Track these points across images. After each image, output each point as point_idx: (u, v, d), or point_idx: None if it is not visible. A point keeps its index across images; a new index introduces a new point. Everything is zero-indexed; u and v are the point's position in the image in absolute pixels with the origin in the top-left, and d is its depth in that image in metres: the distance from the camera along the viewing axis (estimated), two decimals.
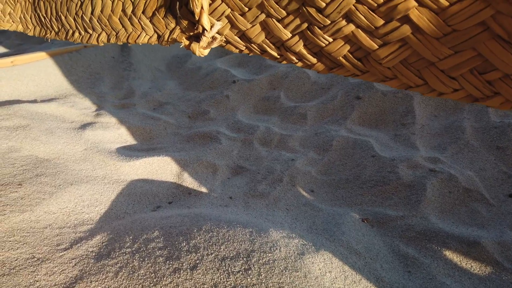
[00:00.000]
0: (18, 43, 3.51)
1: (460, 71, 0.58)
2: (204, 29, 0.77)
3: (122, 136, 1.78)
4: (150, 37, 0.89)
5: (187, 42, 0.82)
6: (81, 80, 2.45)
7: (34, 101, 1.99)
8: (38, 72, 2.35)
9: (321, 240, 1.05)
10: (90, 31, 1.02)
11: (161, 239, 0.98)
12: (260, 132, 1.80)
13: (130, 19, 0.90)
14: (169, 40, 0.85)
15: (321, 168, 1.53)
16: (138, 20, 0.88)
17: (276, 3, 0.72)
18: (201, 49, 0.81)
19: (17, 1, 1.29)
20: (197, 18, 0.77)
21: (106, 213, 1.17)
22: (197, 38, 0.82)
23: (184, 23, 0.81)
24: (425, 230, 1.11)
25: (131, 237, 1.00)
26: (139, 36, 0.91)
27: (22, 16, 1.31)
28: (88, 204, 1.18)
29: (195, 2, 0.74)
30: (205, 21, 0.76)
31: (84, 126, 1.76)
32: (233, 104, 2.17)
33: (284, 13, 0.72)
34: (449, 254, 1.04)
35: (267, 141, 1.75)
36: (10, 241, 0.92)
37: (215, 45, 0.81)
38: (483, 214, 1.19)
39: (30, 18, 1.27)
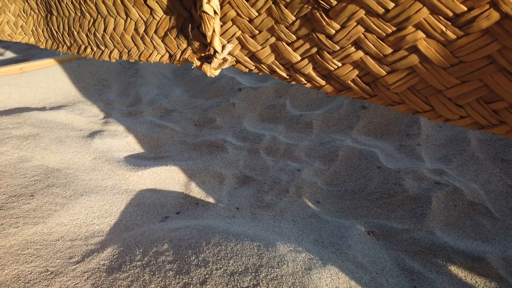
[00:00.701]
0: (26, 48, 3.55)
1: (466, 100, 0.59)
2: (215, 51, 0.79)
3: (130, 144, 1.81)
4: (162, 56, 0.91)
5: (198, 63, 0.84)
6: (89, 86, 2.48)
7: (43, 109, 2.02)
8: (47, 78, 2.38)
9: (327, 254, 1.06)
10: (103, 48, 1.04)
11: (171, 252, 1.00)
12: (266, 141, 1.82)
13: (142, 38, 0.92)
14: (181, 59, 0.87)
15: (327, 179, 1.54)
16: (150, 39, 0.90)
17: (286, 28, 0.74)
18: (212, 70, 0.82)
19: (29, 15, 1.32)
20: (208, 40, 0.79)
21: (116, 224, 1.19)
22: (208, 59, 0.84)
23: (196, 44, 0.83)
24: (431, 245, 1.12)
25: (141, 250, 1.02)
26: (151, 54, 0.93)
27: (34, 29, 1.33)
28: (98, 215, 1.20)
29: (207, 26, 0.76)
30: (217, 43, 0.78)
31: (92, 135, 1.79)
32: (239, 112, 2.19)
33: (294, 37, 0.74)
34: (454, 269, 1.05)
35: (273, 150, 1.77)
36: (24, 254, 0.95)
37: (226, 66, 0.83)
38: (487, 228, 1.20)
39: (42, 32, 1.29)
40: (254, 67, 0.86)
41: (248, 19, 0.78)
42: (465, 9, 0.51)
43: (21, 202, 1.14)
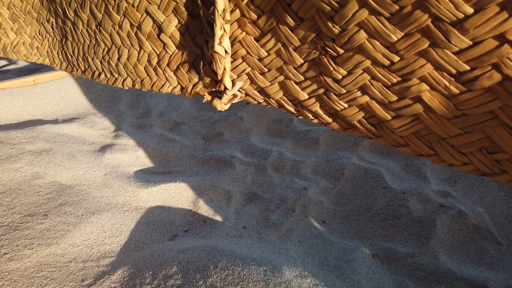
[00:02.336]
0: None
1: (469, 149, 0.61)
2: (225, 88, 0.82)
3: (139, 159, 1.84)
4: (174, 87, 0.94)
5: (209, 97, 0.87)
6: (99, 98, 2.53)
7: (56, 121, 2.07)
8: (59, 90, 2.43)
9: (332, 279, 1.08)
10: (116, 75, 1.08)
11: (179, 275, 1.02)
12: (273, 158, 1.84)
13: (155, 69, 0.95)
14: (192, 93, 0.90)
15: (332, 198, 1.56)
16: (163, 72, 0.93)
17: (295, 69, 0.76)
18: (222, 105, 0.85)
19: (45, 37, 1.36)
20: (219, 78, 0.81)
21: (126, 244, 1.22)
22: (218, 93, 0.86)
23: (207, 80, 0.86)
24: (435, 271, 1.14)
25: (150, 273, 1.05)
26: (163, 85, 0.96)
27: (49, 50, 1.37)
28: (109, 235, 1.23)
29: (218, 65, 0.79)
30: (227, 81, 0.81)
31: (103, 149, 1.83)
32: (247, 126, 2.21)
33: (302, 78, 0.76)
34: None
35: (280, 166, 1.80)
36: (38, 277, 0.98)
37: (235, 101, 0.86)
38: (491, 253, 1.21)
39: (57, 54, 1.33)
40: (262, 100, 0.89)
41: (257, 58, 0.80)
42: (468, 68, 0.53)
43: (35, 222, 1.17)
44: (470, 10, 0.47)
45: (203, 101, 0.89)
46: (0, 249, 1.03)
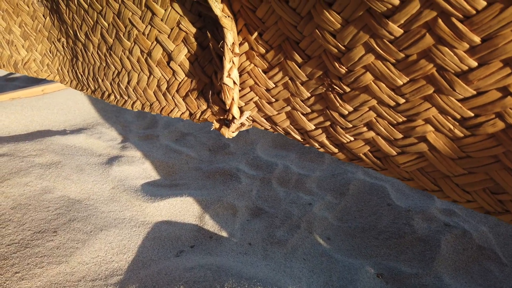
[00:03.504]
0: None
1: (473, 188, 0.62)
2: (234, 117, 0.83)
3: (146, 171, 1.87)
4: (183, 113, 0.96)
5: (217, 125, 0.89)
6: (107, 108, 2.56)
7: (64, 132, 2.10)
8: (67, 100, 2.46)
9: None
10: (126, 98, 1.10)
11: None
12: (279, 171, 1.86)
13: (164, 95, 0.97)
14: (201, 119, 0.92)
15: (337, 214, 1.57)
16: (172, 97, 0.95)
17: (302, 101, 0.78)
18: (230, 133, 0.87)
19: (55, 55, 1.38)
20: (227, 107, 0.83)
21: (133, 261, 1.24)
22: (226, 121, 0.88)
23: (215, 108, 0.87)
24: None
25: None
26: (172, 110, 0.98)
27: (59, 68, 1.40)
28: (117, 252, 1.25)
29: (226, 95, 0.81)
30: (235, 111, 0.83)
31: (111, 161, 1.85)
32: (252, 137, 2.23)
33: (308, 110, 0.77)
34: None
35: (285, 180, 1.81)
36: None
37: (243, 129, 0.88)
38: (495, 274, 1.22)
39: (68, 72, 1.36)
40: (270, 127, 0.90)
41: (265, 88, 0.82)
42: (472, 115, 0.54)
43: (45, 239, 1.20)
44: (474, 63, 0.48)
45: (211, 129, 0.91)
46: (12, 268, 1.05)
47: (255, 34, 0.75)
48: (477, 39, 0.45)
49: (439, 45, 0.49)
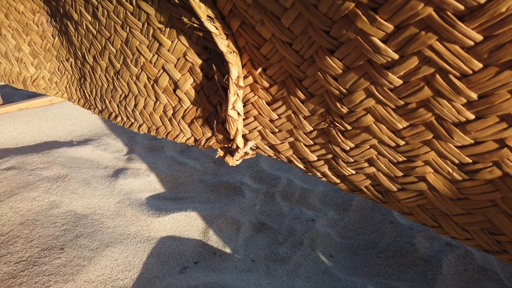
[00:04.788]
0: None
1: (471, 228, 0.63)
2: (238, 147, 0.85)
3: (151, 183, 1.89)
4: (188, 138, 0.98)
5: (222, 153, 0.90)
6: None
7: (71, 143, 2.13)
8: (74, 110, 2.50)
9: None
10: (132, 120, 1.12)
11: None
12: (282, 185, 1.87)
13: (170, 120, 0.99)
14: (205, 146, 0.94)
15: (340, 230, 1.58)
16: (178, 123, 0.97)
17: (304, 134, 0.79)
18: (234, 161, 0.89)
19: (63, 74, 1.41)
20: (231, 137, 0.85)
21: (138, 278, 1.26)
22: (231, 149, 0.90)
23: (220, 136, 0.89)
24: None
25: None
26: (177, 135, 1.00)
27: (67, 86, 1.43)
28: (122, 269, 1.28)
29: (231, 126, 0.82)
30: (239, 141, 0.84)
31: (117, 173, 1.88)
32: None
33: (311, 142, 0.79)
34: None
35: (289, 195, 1.82)
36: None
37: (248, 157, 0.89)
38: None
39: (75, 91, 1.38)
40: (273, 154, 0.92)
41: (269, 119, 0.83)
42: (470, 161, 0.55)
43: (52, 257, 1.22)
44: (471, 116, 0.50)
45: (216, 156, 0.93)
46: (20, 287, 1.08)
47: (259, 69, 0.77)
48: (474, 95, 0.47)
49: (437, 97, 0.51)
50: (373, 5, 0.46)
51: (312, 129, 0.75)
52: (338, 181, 0.80)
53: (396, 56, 0.49)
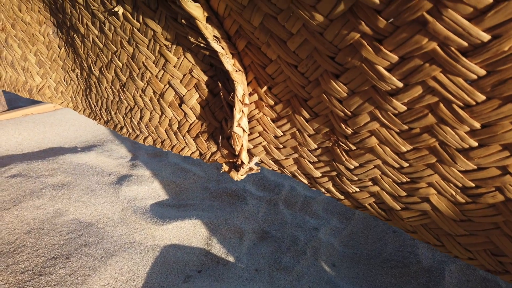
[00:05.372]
0: None
1: (474, 248, 0.64)
2: (243, 162, 0.86)
3: (155, 190, 1.90)
4: (193, 152, 0.99)
5: (227, 168, 0.91)
6: None
7: (75, 150, 2.14)
8: (78, 116, 2.51)
9: None
10: (138, 132, 1.13)
11: None
12: (285, 192, 1.88)
13: (175, 133, 1.00)
14: (210, 160, 0.95)
15: (343, 239, 1.59)
16: (183, 137, 0.98)
17: (309, 151, 0.80)
18: (239, 176, 0.90)
19: (69, 84, 1.42)
20: (237, 153, 0.86)
21: None
22: (235, 165, 0.91)
23: (225, 151, 0.90)
24: None
25: None
26: (183, 149, 1.01)
27: (73, 96, 1.44)
28: (127, 278, 1.29)
29: (236, 143, 0.83)
30: (244, 157, 0.85)
31: (121, 180, 1.89)
32: None
33: (315, 159, 0.79)
34: None
35: (292, 202, 1.83)
36: None
37: (252, 172, 0.90)
38: None
39: (81, 101, 1.40)
40: (277, 169, 0.93)
41: (273, 135, 0.84)
42: (473, 185, 0.56)
43: (58, 266, 1.23)
44: (474, 143, 0.50)
45: (221, 171, 0.94)
46: None
47: (265, 87, 0.77)
48: (477, 125, 0.48)
49: (441, 124, 0.51)
50: (378, 36, 0.47)
51: (316, 147, 0.76)
52: (342, 197, 0.81)
53: (400, 84, 0.50)
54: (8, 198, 1.53)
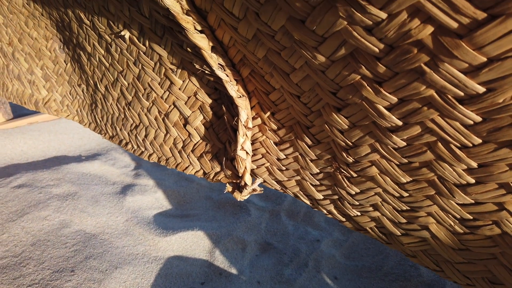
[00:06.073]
0: None
1: (473, 276, 0.65)
2: (246, 184, 0.88)
3: (158, 200, 1.92)
4: (197, 171, 1.01)
5: (230, 188, 0.93)
6: None
7: (80, 158, 2.16)
8: None
9: None
10: (142, 149, 1.15)
11: None
12: (287, 203, 1.90)
13: (179, 152, 1.02)
14: (214, 180, 0.96)
15: (345, 251, 1.60)
16: (187, 156, 1.00)
17: (311, 174, 0.81)
18: (242, 197, 0.91)
19: (75, 98, 1.45)
20: (240, 175, 0.87)
21: None
22: (239, 186, 0.92)
23: (228, 172, 0.92)
24: None
25: None
26: (187, 167, 1.02)
27: (78, 110, 1.46)
28: None
29: (239, 165, 0.85)
30: (248, 179, 0.87)
31: (124, 190, 1.91)
32: None
33: (317, 182, 0.81)
34: None
35: (294, 213, 1.85)
36: None
37: (256, 193, 0.92)
38: None
39: (86, 115, 1.42)
40: (280, 189, 0.94)
41: (276, 157, 0.86)
42: (471, 218, 0.57)
43: (64, 279, 1.25)
44: (471, 180, 0.52)
45: (225, 191, 0.95)
46: None
47: (268, 113, 0.79)
48: (474, 164, 0.49)
49: (439, 161, 0.53)
50: (378, 79, 0.49)
51: (318, 171, 0.77)
52: (343, 219, 0.82)
53: (400, 123, 0.52)
54: (14, 209, 1.55)
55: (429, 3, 0.35)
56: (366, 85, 0.50)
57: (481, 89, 0.40)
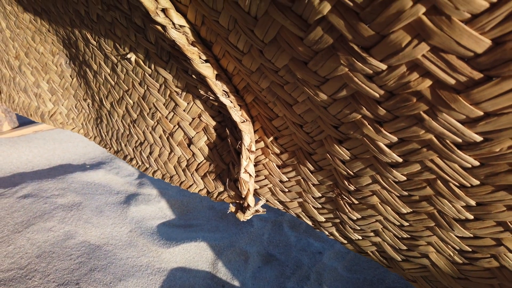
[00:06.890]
0: None
1: None
2: (249, 205, 0.89)
3: (162, 210, 1.93)
4: (201, 189, 1.02)
5: (233, 209, 0.94)
6: None
7: (84, 167, 2.18)
8: None
9: None
10: (147, 165, 1.17)
11: None
12: (290, 214, 1.91)
13: (184, 171, 1.03)
14: (217, 199, 0.98)
15: (346, 264, 1.61)
16: (191, 175, 1.01)
17: (313, 198, 0.83)
18: (245, 217, 0.93)
19: (80, 112, 1.46)
20: (243, 196, 0.89)
21: None
22: (242, 207, 0.94)
23: (232, 193, 0.93)
24: None
25: None
26: (191, 186, 1.04)
27: (84, 123, 1.48)
28: None
29: (243, 187, 0.86)
30: (250, 200, 0.88)
31: (128, 200, 1.93)
32: None
33: (319, 206, 0.82)
34: None
35: (296, 224, 1.86)
36: None
37: (258, 213, 0.93)
38: None
39: (92, 128, 1.44)
40: (282, 208, 0.95)
41: (279, 179, 0.87)
42: (470, 250, 0.59)
43: None
44: (470, 216, 0.53)
45: (228, 212, 0.97)
46: None
47: (271, 138, 0.80)
48: (472, 202, 0.50)
49: (438, 196, 0.54)
50: (379, 119, 0.50)
51: (320, 195, 0.79)
52: (345, 241, 0.83)
53: (400, 160, 0.53)
54: (20, 220, 1.57)
55: (427, 60, 0.36)
56: (367, 124, 0.52)
57: (479, 138, 0.41)
